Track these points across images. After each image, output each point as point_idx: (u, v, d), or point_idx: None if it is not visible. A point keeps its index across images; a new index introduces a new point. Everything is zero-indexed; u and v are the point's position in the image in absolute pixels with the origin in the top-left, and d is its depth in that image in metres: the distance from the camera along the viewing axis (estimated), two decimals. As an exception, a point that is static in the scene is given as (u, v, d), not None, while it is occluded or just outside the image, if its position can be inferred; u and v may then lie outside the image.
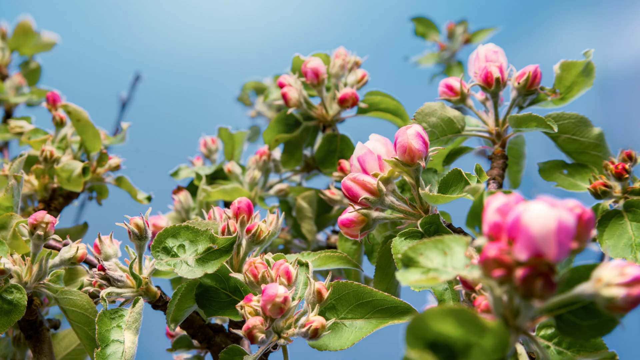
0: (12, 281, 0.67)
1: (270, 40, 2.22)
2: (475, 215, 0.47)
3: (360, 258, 0.86)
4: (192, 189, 0.97)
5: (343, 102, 0.89)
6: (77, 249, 0.67)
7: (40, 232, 0.65)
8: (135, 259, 0.66)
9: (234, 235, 0.65)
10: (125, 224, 0.67)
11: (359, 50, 0.96)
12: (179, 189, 0.97)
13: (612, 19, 2.00)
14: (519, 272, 0.40)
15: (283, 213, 0.71)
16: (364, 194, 0.65)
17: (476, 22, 1.69)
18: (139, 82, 1.54)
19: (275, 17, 2.35)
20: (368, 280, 1.00)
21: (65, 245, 0.70)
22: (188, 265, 0.63)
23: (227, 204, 0.96)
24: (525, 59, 0.81)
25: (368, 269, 0.90)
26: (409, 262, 0.48)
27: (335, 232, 0.98)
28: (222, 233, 0.67)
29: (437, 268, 0.47)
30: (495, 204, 0.42)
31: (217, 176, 0.97)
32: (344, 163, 0.86)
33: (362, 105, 0.91)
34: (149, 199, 0.95)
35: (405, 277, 0.47)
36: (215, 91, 2.07)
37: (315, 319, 0.57)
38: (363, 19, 2.34)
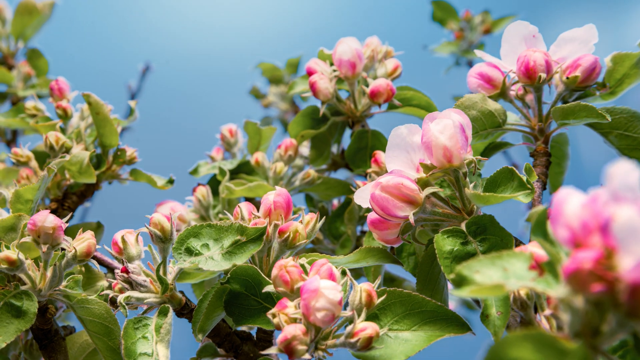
0: (24, 287, 0.62)
1: (278, 33, 2.18)
2: (543, 222, 0.42)
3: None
4: (212, 183, 0.92)
5: (375, 96, 0.81)
6: (76, 249, 0.62)
7: (45, 245, 0.60)
8: (161, 262, 0.61)
9: (264, 226, 0.60)
10: (147, 227, 0.61)
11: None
12: (198, 186, 0.91)
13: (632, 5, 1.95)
14: (626, 288, 0.34)
15: (324, 217, 0.65)
16: (404, 208, 0.59)
17: (497, 11, 1.64)
18: (148, 73, 1.49)
19: (282, 7, 2.31)
20: (391, 277, 0.96)
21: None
22: (214, 260, 0.59)
23: (247, 200, 0.91)
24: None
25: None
26: (462, 282, 0.42)
27: (363, 232, 0.93)
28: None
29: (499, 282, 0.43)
30: (576, 200, 0.36)
31: (239, 170, 0.92)
32: (379, 155, 0.78)
33: (396, 101, 0.84)
34: (172, 181, 0.88)
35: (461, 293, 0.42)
36: (224, 82, 2.04)
37: (367, 326, 0.50)
38: (370, 8, 2.31)
